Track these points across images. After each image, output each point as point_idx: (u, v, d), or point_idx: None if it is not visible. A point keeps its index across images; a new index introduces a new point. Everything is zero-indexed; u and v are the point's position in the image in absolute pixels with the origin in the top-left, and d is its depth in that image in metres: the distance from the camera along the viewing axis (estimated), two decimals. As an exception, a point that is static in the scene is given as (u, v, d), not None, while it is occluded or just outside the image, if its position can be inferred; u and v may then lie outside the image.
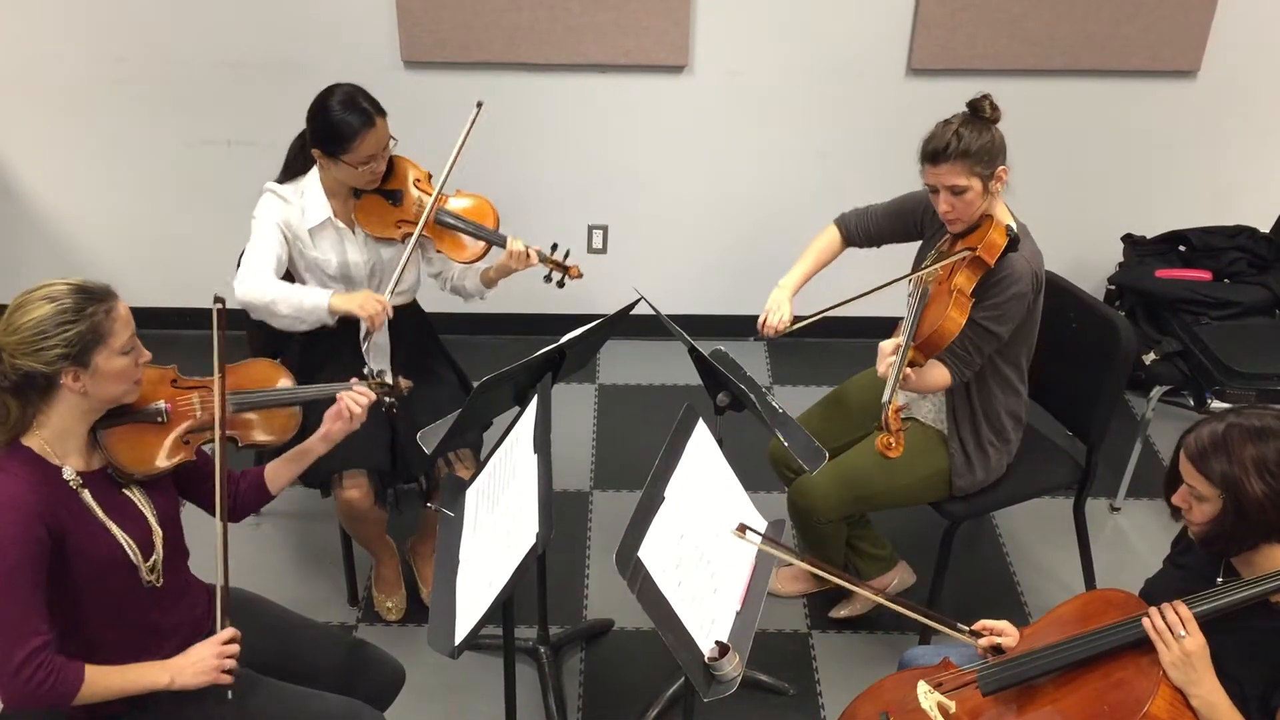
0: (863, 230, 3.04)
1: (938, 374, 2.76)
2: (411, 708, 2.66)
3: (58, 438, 2.08)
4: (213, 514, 2.36)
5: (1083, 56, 3.94)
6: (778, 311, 2.92)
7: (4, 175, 4.24)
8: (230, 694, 2.14)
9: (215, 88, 4.03)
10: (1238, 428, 1.96)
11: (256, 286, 2.83)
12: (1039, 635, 2.20)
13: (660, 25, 3.88)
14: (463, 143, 2.97)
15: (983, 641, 2.25)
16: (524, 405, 2.55)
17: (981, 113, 2.66)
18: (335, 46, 3.93)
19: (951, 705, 2.16)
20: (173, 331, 4.44)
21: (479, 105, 2.99)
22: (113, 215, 4.31)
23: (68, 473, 2.08)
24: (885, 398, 2.56)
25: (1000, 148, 2.67)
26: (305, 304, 2.84)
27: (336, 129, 2.80)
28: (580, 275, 3.05)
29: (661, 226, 4.32)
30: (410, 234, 2.95)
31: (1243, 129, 4.13)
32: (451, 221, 2.99)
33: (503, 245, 2.99)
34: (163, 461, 2.20)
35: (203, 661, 2.12)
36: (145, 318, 4.59)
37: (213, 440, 2.26)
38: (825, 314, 2.78)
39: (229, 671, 2.13)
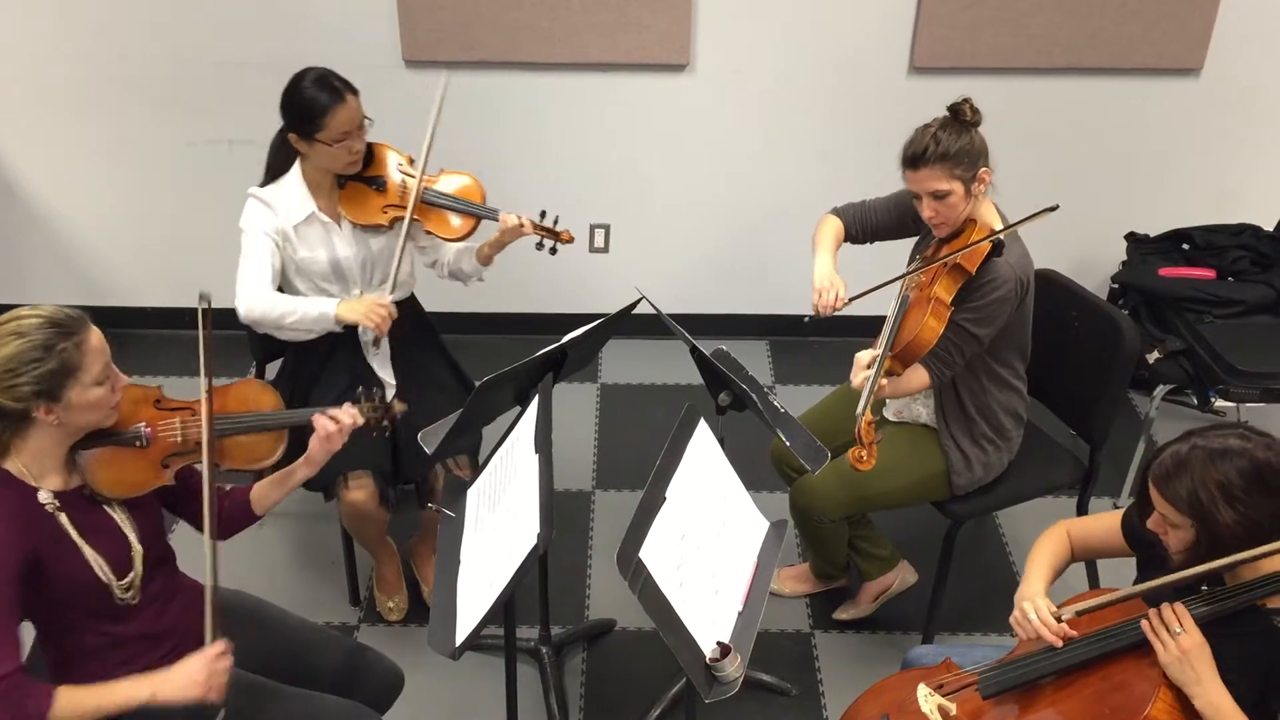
0: (860, 224, 3.02)
1: (916, 377, 2.75)
2: (413, 708, 2.66)
3: (34, 460, 2.07)
4: (198, 530, 2.34)
5: (1086, 55, 3.93)
6: (832, 289, 2.80)
7: (5, 175, 4.24)
8: (222, 716, 2.09)
9: (216, 87, 4.03)
10: (1201, 450, 1.89)
11: (260, 303, 2.86)
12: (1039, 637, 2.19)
13: (661, 24, 3.88)
14: (436, 119, 2.96)
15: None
16: (525, 405, 2.54)
17: (961, 115, 2.64)
18: (336, 45, 3.92)
19: (952, 708, 2.15)
20: (172, 331, 4.45)
21: (446, 78, 2.99)
22: (113, 215, 4.31)
23: (44, 496, 2.06)
24: (859, 410, 2.54)
25: (981, 150, 2.65)
26: (311, 314, 2.86)
27: (307, 107, 2.81)
28: (571, 240, 3.05)
29: (663, 225, 4.31)
30: (400, 218, 2.95)
31: (1246, 127, 4.12)
32: (440, 200, 3.00)
33: (494, 219, 3.00)
34: (139, 487, 2.18)
35: (188, 675, 2.05)
36: (145, 318, 4.62)
37: (193, 463, 2.24)
38: (881, 287, 2.72)
39: (221, 687, 2.06)
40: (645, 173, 4.21)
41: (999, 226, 2.74)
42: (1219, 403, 3.57)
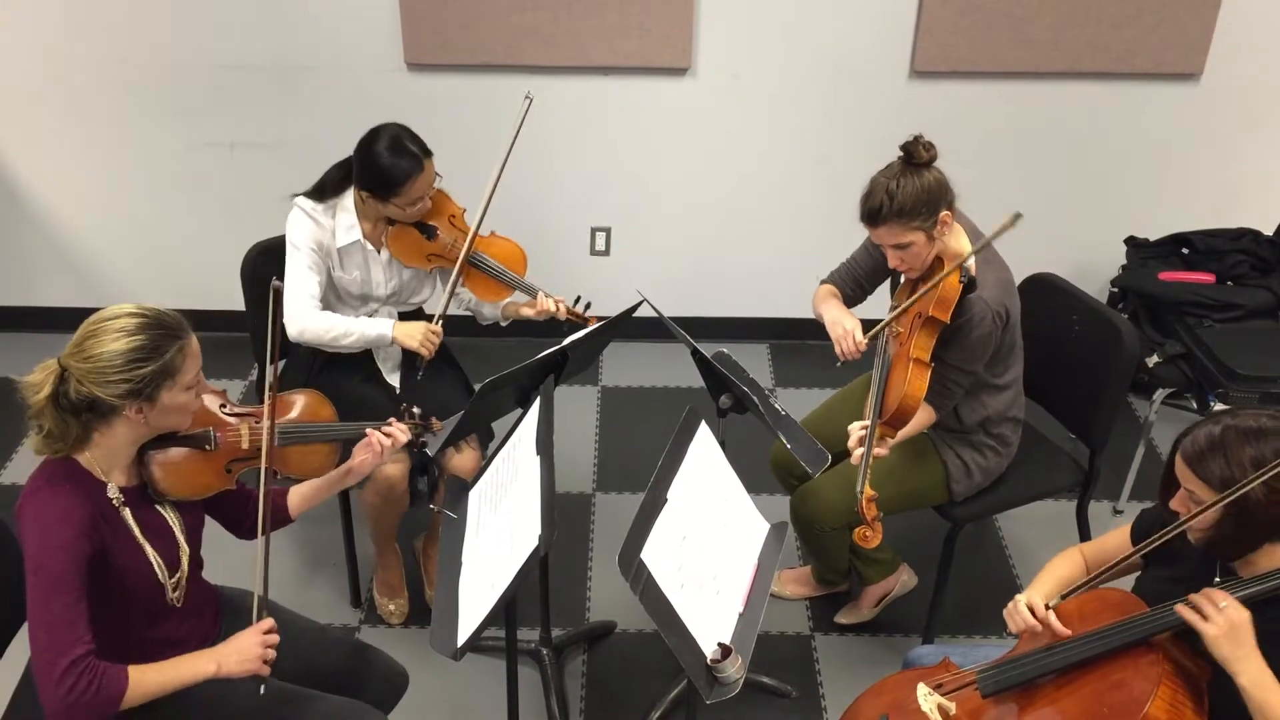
0: (851, 283, 3.01)
1: (922, 416, 2.75)
2: (414, 709, 2.66)
3: (106, 455, 2.08)
4: (231, 531, 2.42)
5: (1085, 59, 3.94)
6: (847, 334, 2.78)
7: (7, 178, 4.25)
8: (263, 688, 2.13)
9: (218, 90, 4.04)
10: (1234, 429, 1.94)
11: (314, 324, 2.91)
12: (1038, 636, 2.19)
13: (663, 28, 3.89)
14: (497, 180, 3.00)
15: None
16: (527, 407, 2.55)
17: (915, 158, 2.59)
18: (338, 49, 3.94)
19: (952, 707, 2.16)
20: (176, 333, 4.45)
21: (528, 99, 3.03)
22: (115, 217, 4.32)
23: (111, 490, 2.08)
24: (859, 487, 2.53)
25: (939, 193, 2.59)
26: (370, 335, 2.95)
27: (387, 174, 2.83)
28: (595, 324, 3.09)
29: (664, 228, 4.32)
30: (440, 266, 3.04)
31: (1245, 132, 4.13)
32: (483, 264, 3.05)
33: (531, 294, 3.08)
34: (205, 490, 2.21)
35: (249, 650, 2.11)
36: (149, 319, 4.59)
37: (253, 469, 2.27)
38: (890, 321, 2.72)
39: (267, 662, 2.13)
40: (646, 176, 4.22)
41: (970, 258, 2.69)
42: (1218, 407, 3.57)
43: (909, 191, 2.56)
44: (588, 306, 3.13)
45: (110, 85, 4.04)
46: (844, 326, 2.80)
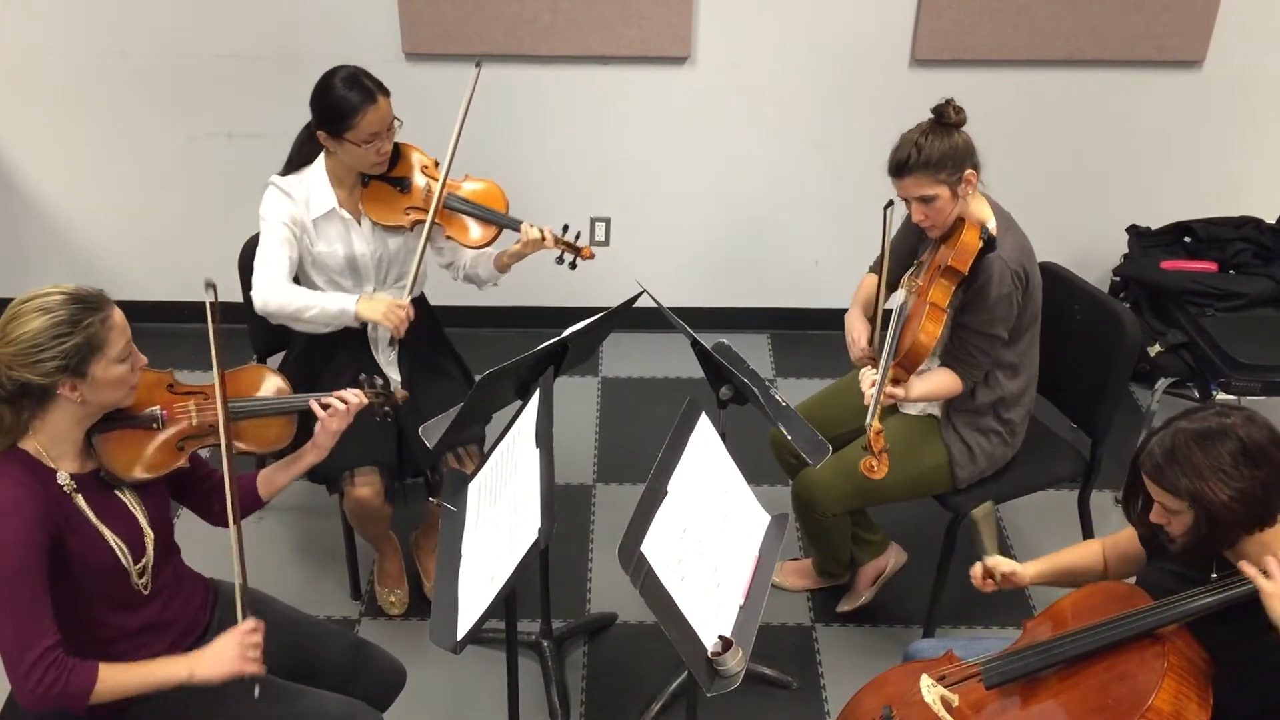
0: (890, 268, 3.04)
1: (947, 381, 2.78)
2: (415, 701, 2.66)
3: (53, 442, 2.08)
4: (202, 517, 2.40)
5: (1088, 47, 3.92)
6: (854, 344, 2.92)
7: (6, 170, 4.23)
8: (257, 690, 2.12)
9: (216, 80, 4.03)
10: (1184, 434, 1.96)
11: (277, 295, 2.86)
12: (1042, 628, 2.19)
13: (662, 16, 3.87)
14: (465, 113, 2.95)
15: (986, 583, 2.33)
16: (526, 399, 2.54)
17: (945, 119, 2.66)
18: (336, 38, 3.92)
19: (955, 698, 2.16)
20: (175, 325, 4.43)
21: (478, 65, 2.97)
22: (114, 209, 4.31)
23: (62, 477, 2.08)
24: (868, 420, 2.55)
25: (966, 151, 2.66)
26: (331, 309, 2.87)
27: (338, 106, 2.80)
28: (592, 256, 3.07)
29: (664, 218, 4.31)
30: (421, 221, 2.96)
31: (1248, 119, 4.12)
32: (462, 206, 3.00)
33: (515, 229, 3.01)
34: (155, 468, 2.20)
35: (225, 651, 2.10)
36: (147, 312, 4.61)
37: (207, 446, 2.26)
38: (887, 316, 2.80)
39: (258, 659, 2.11)
40: (646, 166, 4.21)
41: (991, 222, 2.74)
42: (1220, 396, 3.56)
43: (936, 146, 2.63)
44: (578, 236, 3.07)
45: (109, 76, 4.03)
46: (852, 336, 2.92)
